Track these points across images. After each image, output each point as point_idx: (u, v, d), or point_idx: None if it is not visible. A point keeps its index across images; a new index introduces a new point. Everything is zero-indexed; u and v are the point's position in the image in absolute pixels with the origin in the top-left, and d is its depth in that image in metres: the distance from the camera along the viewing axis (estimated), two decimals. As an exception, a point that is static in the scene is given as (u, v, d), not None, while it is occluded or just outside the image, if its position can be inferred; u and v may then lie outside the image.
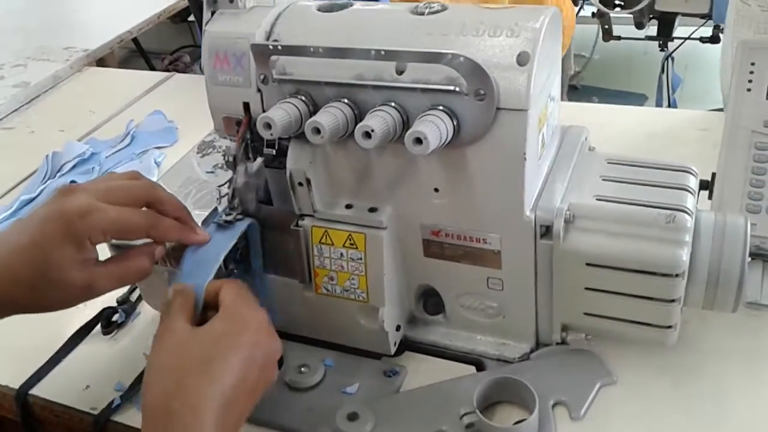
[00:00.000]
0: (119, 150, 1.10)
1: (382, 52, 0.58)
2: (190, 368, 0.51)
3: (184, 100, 1.24)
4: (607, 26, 1.85)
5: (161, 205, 0.60)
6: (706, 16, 1.81)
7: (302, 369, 0.69)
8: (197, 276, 0.59)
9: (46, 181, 1.03)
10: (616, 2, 1.85)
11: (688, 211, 0.60)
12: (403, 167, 0.63)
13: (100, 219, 0.56)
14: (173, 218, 0.61)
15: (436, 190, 0.63)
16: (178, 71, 2.49)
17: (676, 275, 0.59)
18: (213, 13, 0.66)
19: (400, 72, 0.59)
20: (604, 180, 0.65)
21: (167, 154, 1.09)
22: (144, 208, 0.60)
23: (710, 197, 0.70)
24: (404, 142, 0.55)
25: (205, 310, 0.57)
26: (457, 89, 0.57)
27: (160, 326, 0.55)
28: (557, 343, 0.68)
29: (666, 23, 1.87)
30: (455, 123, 0.57)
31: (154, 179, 1.01)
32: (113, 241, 0.64)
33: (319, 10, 0.65)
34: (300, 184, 0.65)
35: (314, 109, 0.62)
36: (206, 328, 0.54)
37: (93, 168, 1.04)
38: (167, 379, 0.51)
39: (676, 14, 1.83)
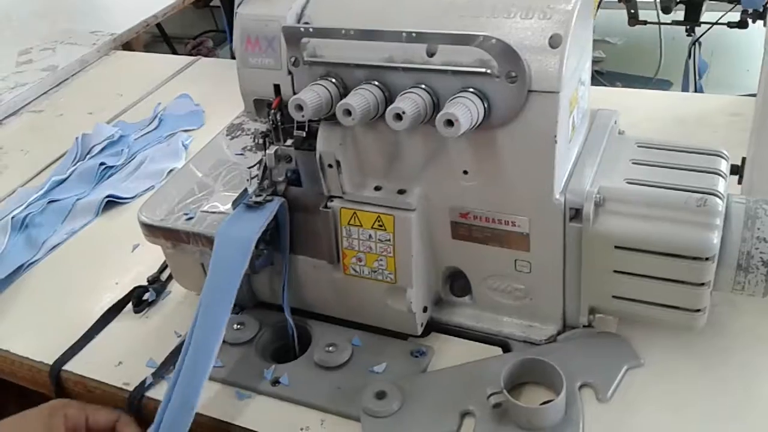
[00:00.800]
0: (147, 133, 1.11)
1: (414, 35, 0.58)
2: None
3: (210, 83, 1.25)
4: (633, 10, 1.82)
5: None
6: (735, 1, 1.78)
7: (330, 348, 0.70)
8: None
9: (76, 163, 1.04)
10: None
11: (720, 195, 0.60)
12: (433, 149, 0.63)
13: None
14: None
15: (465, 172, 0.63)
16: (201, 56, 2.50)
17: (707, 259, 0.59)
18: (245, -4, 0.67)
19: (431, 54, 0.59)
20: (634, 163, 0.64)
21: (195, 136, 1.10)
22: None
23: (740, 182, 0.70)
24: (434, 125, 0.56)
25: None
26: (489, 71, 0.57)
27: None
28: (584, 326, 0.68)
29: (693, 8, 1.84)
30: (486, 105, 0.58)
31: (182, 161, 1.02)
32: None
33: (350, -8, 0.65)
34: (329, 165, 0.66)
35: (345, 91, 0.62)
36: None
37: (122, 150, 1.06)
38: None
39: (703, -1, 1.80)
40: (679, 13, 1.93)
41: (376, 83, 0.61)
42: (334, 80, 0.62)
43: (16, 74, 1.35)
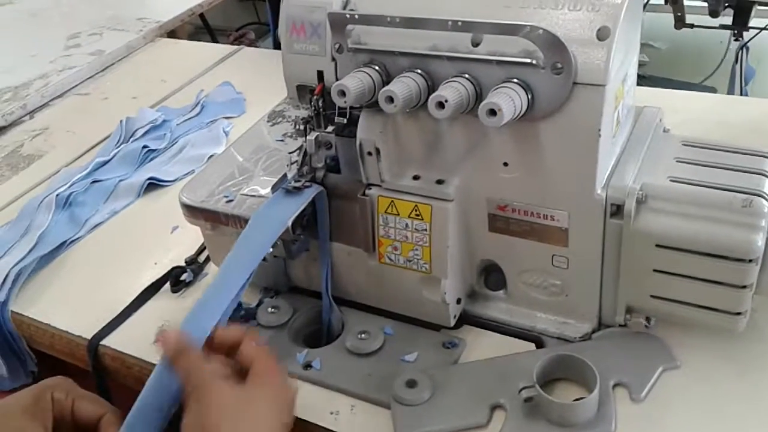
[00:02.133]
0: (189, 119, 1.13)
1: (459, 23, 0.58)
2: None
3: (251, 72, 1.26)
4: (679, 13, 1.78)
5: None
6: (786, 6, 1.73)
7: (362, 335, 0.70)
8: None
9: (119, 145, 1.06)
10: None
11: (766, 197, 0.58)
12: (473, 140, 0.63)
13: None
14: None
15: (506, 164, 0.63)
16: (244, 46, 2.52)
17: (750, 261, 0.57)
18: (292, -18, 0.67)
19: (475, 44, 0.59)
20: (678, 161, 0.63)
21: (235, 124, 1.11)
22: None
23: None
24: (477, 114, 0.55)
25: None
26: (534, 62, 0.56)
27: (193, 383, 0.54)
28: (620, 325, 0.67)
29: (742, 12, 1.80)
30: (530, 96, 0.57)
31: (223, 148, 1.03)
32: None
33: (396, -20, 0.66)
34: (369, 153, 0.66)
35: (387, 78, 0.62)
36: (252, 392, 0.55)
37: (164, 134, 1.07)
38: None
39: (753, 3, 1.76)
40: (726, 19, 1.89)
41: (419, 71, 0.61)
42: (377, 68, 0.62)
43: (64, 57, 1.38)
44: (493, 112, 0.55)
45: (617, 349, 0.66)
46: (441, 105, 0.57)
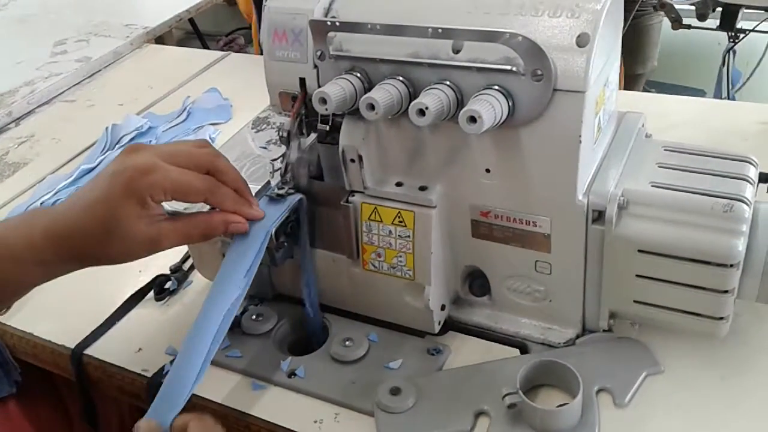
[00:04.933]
0: (176, 125, 1.12)
1: (440, 30, 0.58)
2: None
3: (239, 78, 1.26)
4: (673, 15, 1.79)
5: (221, 176, 0.61)
6: (771, 9, 1.74)
7: (347, 342, 0.70)
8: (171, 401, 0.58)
9: (105, 152, 1.06)
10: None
11: (747, 201, 0.59)
12: (455, 147, 0.63)
13: (161, 178, 0.57)
14: (232, 189, 0.62)
15: (488, 170, 0.63)
16: (232, 52, 2.52)
17: (731, 266, 0.57)
18: (274, -11, 0.67)
19: (456, 51, 0.59)
20: (660, 167, 0.64)
21: (222, 130, 1.11)
22: (205, 175, 0.61)
23: (770, 190, 0.68)
24: (458, 121, 0.55)
25: None
26: (514, 69, 0.56)
27: None
28: (604, 330, 0.67)
29: (729, 15, 1.81)
30: (510, 103, 0.57)
31: (209, 154, 1.03)
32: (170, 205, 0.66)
33: (377, -13, 0.66)
34: (352, 160, 0.66)
35: (369, 85, 0.62)
36: None
37: (150, 141, 1.07)
38: None
39: (739, 6, 1.77)
40: (715, 21, 1.90)
41: (401, 78, 0.61)
42: (359, 74, 0.62)
43: (50, 64, 1.38)
44: (473, 120, 0.55)
45: (601, 354, 0.66)
46: (422, 112, 0.56)
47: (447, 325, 0.71)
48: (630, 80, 2.04)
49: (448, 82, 0.59)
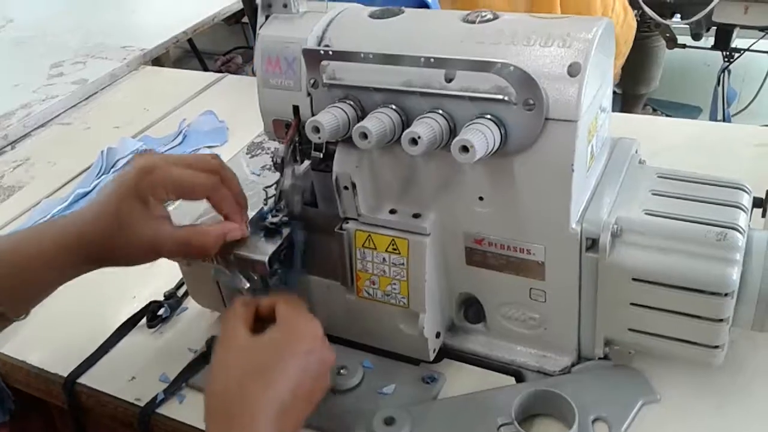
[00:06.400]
0: (171, 148, 1.12)
1: (432, 60, 0.58)
2: (249, 374, 0.55)
3: (235, 101, 1.26)
4: (668, 34, 1.80)
5: (225, 181, 0.64)
6: (766, 29, 1.76)
7: (341, 371, 0.69)
8: None
9: (100, 176, 1.06)
10: (674, 11, 1.82)
11: (740, 229, 0.58)
12: (449, 174, 0.63)
13: (162, 175, 0.60)
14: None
15: (481, 198, 0.63)
16: (230, 72, 2.53)
17: (725, 294, 0.57)
18: (267, 18, 0.68)
19: (449, 80, 0.59)
20: (653, 194, 0.63)
21: (218, 153, 1.10)
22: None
23: (764, 215, 0.68)
24: (450, 150, 0.55)
25: (263, 323, 0.60)
26: (506, 98, 0.56)
27: (221, 333, 0.59)
28: (600, 358, 0.67)
29: (724, 35, 1.83)
30: (503, 132, 0.57)
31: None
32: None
33: (370, 16, 0.66)
34: (345, 187, 0.66)
35: (362, 114, 0.62)
36: (265, 337, 0.58)
37: (145, 165, 1.07)
38: (230, 382, 0.55)
39: (734, 26, 1.78)
40: (709, 40, 1.91)
41: (394, 107, 0.61)
42: (352, 103, 0.63)
43: (47, 86, 1.38)
44: (465, 149, 0.55)
45: (597, 382, 0.65)
46: (414, 141, 0.56)
47: (442, 353, 0.71)
48: (631, 99, 2.06)
49: (440, 111, 0.59)
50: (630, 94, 2.03)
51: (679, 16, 1.81)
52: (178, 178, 0.61)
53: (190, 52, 2.67)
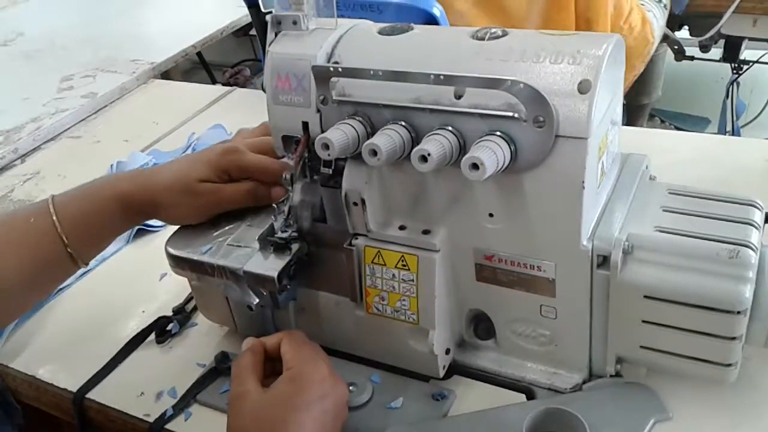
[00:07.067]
0: (180, 162, 1.13)
1: (441, 77, 0.58)
2: None
3: (244, 114, 1.26)
4: (676, 46, 1.80)
5: None
6: (776, 40, 1.75)
7: (351, 388, 0.69)
8: None
9: (109, 190, 1.06)
10: (682, 23, 1.82)
11: (753, 247, 0.58)
12: (459, 191, 0.63)
13: (238, 158, 0.71)
14: None
15: (491, 215, 0.62)
16: (238, 84, 2.54)
17: (738, 312, 0.57)
18: (276, 35, 0.68)
19: (458, 96, 0.59)
20: (664, 211, 0.63)
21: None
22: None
23: (776, 231, 0.68)
24: (460, 167, 0.55)
25: (273, 362, 0.64)
26: (516, 115, 0.56)
27: (234, 388, 0.61)
28: (611, 376, 0.66)
29: (733, 47, 1.82)
30: (512, 149, 0.57)
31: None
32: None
33: (380, 33, 0.66)
34: (355, 203, 0.66)
35: (372, 130, 0.62)
36: (276, 392, 0.59)
37: (154, 179, 1.07)
38: None
39: (743, 38, 1.78)
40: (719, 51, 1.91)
41: (403, 123, 0.61)
42: (361, 119, 0.63)
43: (57, 100, 1.39)
44: (475, 167, 0.54)
45: (609, 400, 0.65)
46: (424, 159, 0.56)
47: (452, 370, 0.70)
48: (635, 110, 2.05)
49: (450, 128, 0.59)
50: (633, 105, 2.02)
51: (687, 28, 1.81)
52: (252, 162, 0.71)
53: (198, 64, 2.68)
